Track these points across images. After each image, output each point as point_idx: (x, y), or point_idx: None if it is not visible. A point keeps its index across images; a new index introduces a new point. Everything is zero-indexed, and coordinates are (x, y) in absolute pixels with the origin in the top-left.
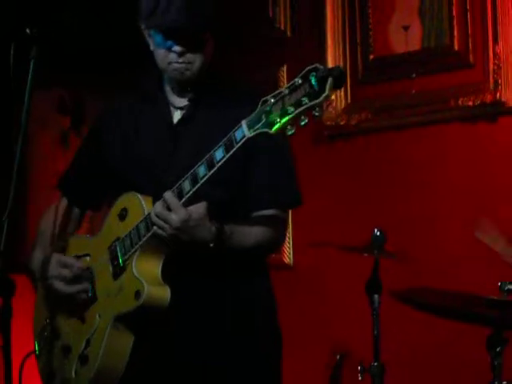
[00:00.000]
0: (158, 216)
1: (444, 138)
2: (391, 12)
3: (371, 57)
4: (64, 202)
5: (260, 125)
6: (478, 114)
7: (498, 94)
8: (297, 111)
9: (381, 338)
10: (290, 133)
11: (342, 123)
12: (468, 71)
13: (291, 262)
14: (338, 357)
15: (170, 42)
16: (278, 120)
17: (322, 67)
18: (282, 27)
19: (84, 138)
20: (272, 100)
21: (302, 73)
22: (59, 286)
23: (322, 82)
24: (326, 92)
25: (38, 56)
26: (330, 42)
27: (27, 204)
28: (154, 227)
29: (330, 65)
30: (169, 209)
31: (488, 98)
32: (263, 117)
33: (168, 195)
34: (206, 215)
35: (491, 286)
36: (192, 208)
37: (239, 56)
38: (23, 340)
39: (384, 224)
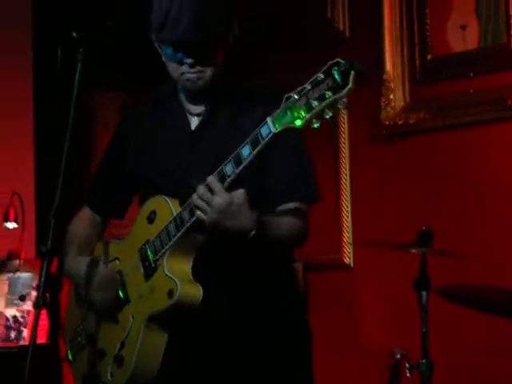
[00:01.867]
0: (201, 198)
1: (502, 136)
2: (448, 12)
3: (429, 57)
4: (87, 212)
5: (285, 120)
6: None
7: None
8: (321, 105)
9: (429, 335)
10: (315, 126)
11: (400, 123)
12: None
13: (351, 261)
14: (398, 356)
15: (180, 55)
16: (303, 115)
17: (343, 61)
18: (341, 28)
19: (106, 147)
20: (295, 96)
21: (325, 68)
22: (90, 291)
23: (344, 75)
24: (350, 85)
25: (85, 59)
26: (387, 42)
27: None
28: (197, 212)
29: (389, 65)
30: (212, 193)
31: None
32: (288, 112)
33: (211, 179)
34: (247, 201)
35: None
36: (233, 193)
37: (298, 56)
38: None
39: (438, 222)
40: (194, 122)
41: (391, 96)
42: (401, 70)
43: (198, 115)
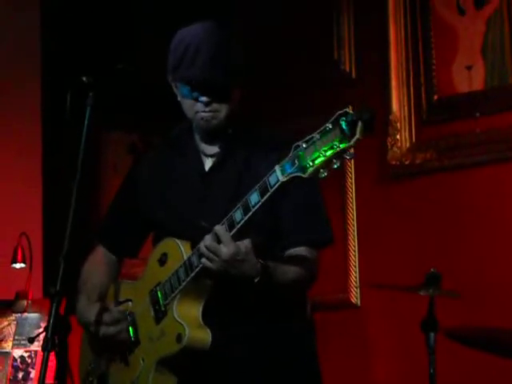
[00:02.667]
0: (208, 248)
1: (507, 177)
2: (454, 52)
3: (435, 97)
4: (102, 251)
5: (293, 169)
6: None
7: None
8: (328, 155)
9: (437, 376)
10: (322, 176)
11: (406, 163)
12: None
13: (358, 301)
14: None
15: (195, 93)
16: (311, 164)
17: (351, 112)
18: (347, 69)
19: (119, 188)
20: (304, 145)
21: (333, 118)
22: (101, 329)
23: (352, 125)
24: (357, 135)
25: (94, 103)
26: (394, 83)
27: None
28: (203, 259)
29: (395, 105)
30: (219, 242)
31: None
32: (296, 161)
33: (219, 228)
34: (252, 250)
35: None
36: (240, 243)
37: (304, 97)
38: None
39: (446, 263)
40: (208, 164)
41: (397, 136)
42: (407, 111)
43: (212, 156)
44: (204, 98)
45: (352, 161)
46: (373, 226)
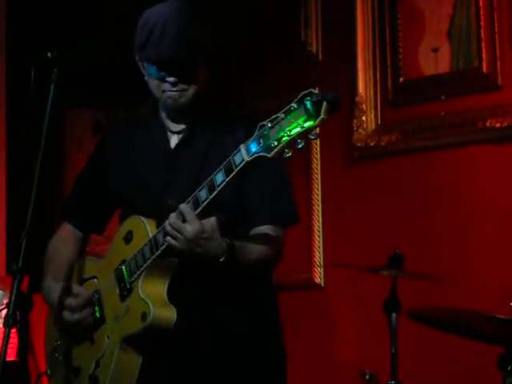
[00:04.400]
0: (172, 226)
1: (472, 159)
2: (421, 35)
3: (401, 79)
4: (68, 228)
5: (258, 149)
6: (506, 136)
7: None
8: (293, 135)
9: (398, 356)
10: (287, 156)
11: (371, 144)
12: (496, 93)
13: (322, 282)
14: (367, 377)
15: (162, 73)
16: (276, 144)
17: (316, 92)
18: (314, 50)
19: (85, 164)
20: (269, 124)
21: (297, 98)
22: (65, 314)
23: (317, 105)
24: (322, 115)
25: (59, 80)
26: (360, 64)
27: None
28: (167, 237)
29: (361, 87)
30: (183, 220)
31: None
32: (261, 141)
33: (184, 206)
34: (218, 229)
35: (505, 305)
36: (205, 221)
37: (270, 78)
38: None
39: (410, 244)
40: (174, 141)
41: (363, 118)
42: (373, 93)
43: (178, 133)
44: (171, 79)
45: (318, 142)
46: (338, 206)
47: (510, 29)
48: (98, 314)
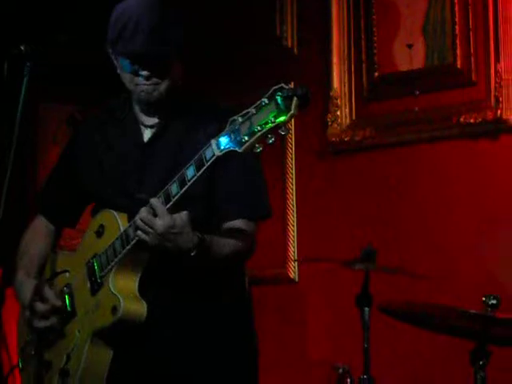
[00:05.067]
0: (142, 221)
1: (446, 154)
2: (395, 30)
3: (376, 74)
4: (41, 221)
5: (229, 144)
6: (480, 132)
7: (499, 112)
8: (263, 130)
9: (371, 351)
10: (257, 151)
11: (346, 139)
12: (470, 89)
13: (296, 276)
14: (340, 371)
15: (136, 67)
16: (246, 139)
17: (287, 87)
18: (289, 45)
19: (58, 158)
20: (240, 119)
21: (268, 93)
22: (33, 319)
23: (287, 100)
24: (292, 111)
25: (31, 73)
26: (335, 59)
27: None
28: (138, 232)
29: (336, 82)
30: (154, 215)
31: (489, 116)
32: (232, 135)
33: (154, 201)
34: (189, 224)
35: (477, 300)
36: (176, 216)
37: (246, 73)
38: None
39: (383, 239)
40: (147, 134)
41: (338, 113)
42: (348, 88)
43: (151, 127)
44: (144, 72)
45: (292, 136)
46: (312, 201)
47: (484, 25)
48: (68, 308)
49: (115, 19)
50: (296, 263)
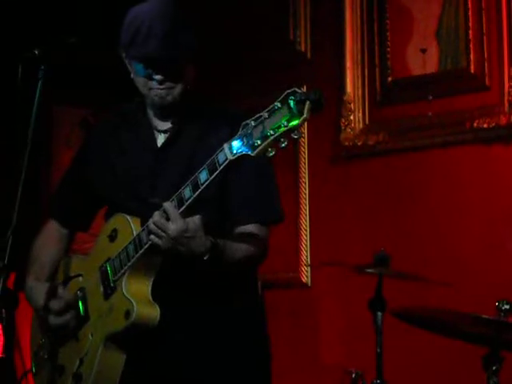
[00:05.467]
0: (156, 225)
1: (459, 159)
2: (409, 35)
3: (389, 79)
4: (53, 225)
5: (241, 148)
6: (493, 137)
7: None
8: (276, 134)
9: (384, 355)
10: (270, 155)
11: (359, 144)
12: (484, 94)
13: (308, 280)
14: (353, 375)
15: (149, 71)
16: (259, 143)
17: (299, 91)
18: (303, 49)
19: (71, 161)
20: (253, 123)
21: (281, 97)
22: (49, 317)
23: (300, 105)
24: (305, 115)
25: (46, 76)
26: (349, 63)
27: None
28: (151, 236)
29: (349, 86)
30: (167, 219)
31: (503, 121)
32: (244, 139)
33: (167, 205)
34: (202, 228)
35: (490, 305)
36: (189, 220)
37: (259, 77)
38: None
39: (396, 243)
40: (161, 139)
41: (351, 117)
42: (361, 92)
43: (164, 132)
44: (158, 77)
45: (306, 140)
46: (325, 205)
47: (498, 29)
48: (82, 312)
49: (128, 23)
50: (309, 268)
